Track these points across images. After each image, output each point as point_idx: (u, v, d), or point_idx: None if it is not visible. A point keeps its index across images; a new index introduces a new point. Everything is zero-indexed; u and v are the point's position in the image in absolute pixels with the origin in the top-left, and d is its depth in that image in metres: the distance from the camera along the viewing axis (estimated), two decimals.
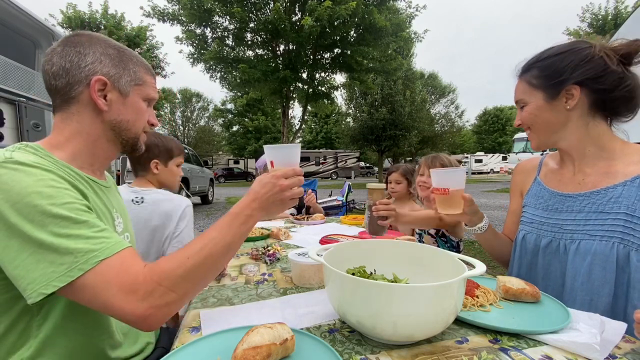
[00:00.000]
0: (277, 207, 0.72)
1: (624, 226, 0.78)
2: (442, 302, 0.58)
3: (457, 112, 29.92)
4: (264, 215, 0.70)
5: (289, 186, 0.72)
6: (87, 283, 0.52)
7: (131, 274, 0.55)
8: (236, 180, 30.04)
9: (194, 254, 0.59)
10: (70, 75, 0.67)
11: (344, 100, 22.98)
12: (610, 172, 0.85)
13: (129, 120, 0.74)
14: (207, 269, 0.61)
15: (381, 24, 10.70)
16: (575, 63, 0.83)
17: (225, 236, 0.63)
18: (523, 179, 1.09)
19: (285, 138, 13.98)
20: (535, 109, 0.90)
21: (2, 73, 2.67)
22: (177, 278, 0.57)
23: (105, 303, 0.53)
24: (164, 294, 0.55)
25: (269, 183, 0.70)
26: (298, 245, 1.45)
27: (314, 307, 0.79)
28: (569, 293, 0.86)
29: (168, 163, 1.48)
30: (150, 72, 0.78)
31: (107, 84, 0.69)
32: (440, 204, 1.00)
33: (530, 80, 0.90)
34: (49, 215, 0.53)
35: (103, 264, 0.53)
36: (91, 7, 16.90)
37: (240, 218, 0.66)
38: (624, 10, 17.18)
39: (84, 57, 0.67)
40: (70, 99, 0.68)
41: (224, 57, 12.09)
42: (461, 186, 0.96)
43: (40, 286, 0.50)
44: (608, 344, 0.59)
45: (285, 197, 0.71)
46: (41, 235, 0.52)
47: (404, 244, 0.86)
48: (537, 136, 0.93)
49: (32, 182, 0.54)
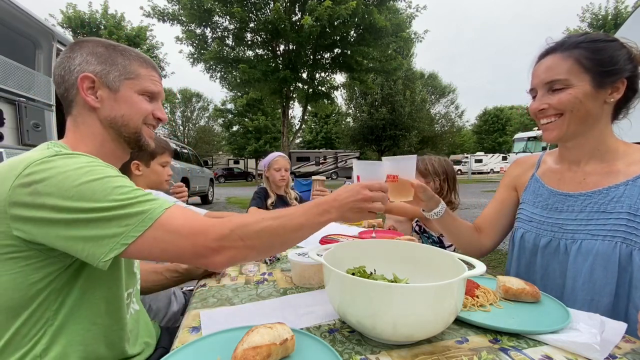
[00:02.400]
0: (355, 214, 0.73)
1: (627, 225, 0.78)
2: (442, 302, 0.58)
3: (457, 112, 30.00)
4: (339, 217, 0.71)
5: (372, 198, 0.72)
6: (158, 233, 0.57)
7: (198, 220, 0.60)
8: (236, 180, 30.06)
9: (269, 218, 0.64)
10: (65, 81, 0.71)
11: (344, 100, 23.04)
12: (612, 172, 0.84)
13: (124, 115, 0.74)
14: (276, 236, 0.64)
15: (381, 24, 10.70)
16: (627, 56, 0.78)
17: (301, 217, 0.66)
18: (519, 173, 1.08)
19: (285, 138, 13.97)
20: (581, 93, 0.79)
21: (2, 73, 2.67)
22: (250, 231, 0.61)
23: (178, 245, 0.58)
24: (235, 240, 0.60)
25: (354, 189, 0.72)
26: (298, 245, 1.45)
27: (314, 307, 0.79)
28: (570, 293, 0.85)
29: (150, 163, 1.44)
30: (145, 65, 0.77)
31: (95, 81, 0.70)
32: (391, 191, 0.96)
33: (580, 58, 0.79)
34: (110, 185, 0.58)
35: (168, 212, 0.59)
36: (91, 7, 16.92)
37: (318, 208, 0.68)
38: (624, 10, 17.18)
39: (73, 60, 0.70)
40: (70, 102, 0.72)
41: (224, 57, 12.10)
42: (411, 174, 0.95)
43: (120, 238, 0.55)
44: (608, 344, 0.59)
45: (364, 207, 0.72)
46: (105, 204, 0.56)
47: (404, 244, 0.86)
48: (567, 126, 0.83)
49: (85, 164, 0.59)
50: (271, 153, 2.33)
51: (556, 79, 0.81)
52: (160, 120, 0.80)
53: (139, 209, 0.57)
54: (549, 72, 0.82)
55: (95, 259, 0.55)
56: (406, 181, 0.94)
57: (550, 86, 0.83)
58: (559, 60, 0.82)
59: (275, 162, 2.21)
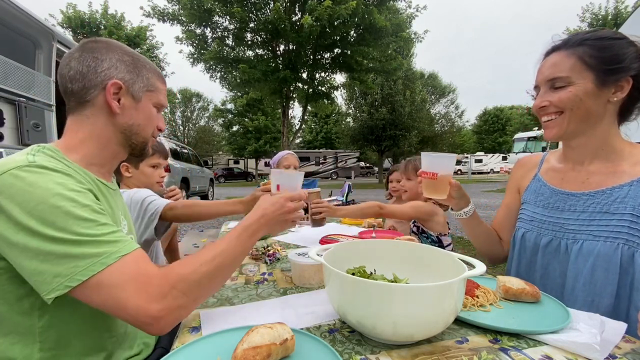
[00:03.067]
0: (281, 225, 0.79)
1: (629, 227, 0.77)
2: (442, 302, 0.58)
3: (457, 112, 29.93)
4: (267, 232, 0.76)
5: (295, 209, 0.79)
6: (105, 280, 0.53)
7: (147, 274, 0.57)
8: (236, 180, 30.04)
9: (206, 262, 0.62)
10: (87, 80, 0.70)
11: (344, 100, 22.98)
12: (617, 172, 0.83)
13: (140, 125, 0.77)
14: (217, 277, 0.64)
15: (381, 24, 10.69)
16: (635, 55, 0.76)
17: (235, 248, 0.67)
18: (522, 174, 1.07)
19: (285, 138, 13.97)
20: (582, 91, 0.78)
21: (2, 73, 2.67)
22: (191, 283, 0.59)
23: (120, 302, 0.54)
24: (177, 297, 0.57)
25: (277, 203, 0.76)
26: (298, 245, 1.45)
27: (314, 307, 0.79)
28: (570, 293, 0.85)
29: (139, 165, 1.45)
30: (161, 79, 0.82)
31: (122, 88, 0.72)
32: (427, 188, 0.97)
33: (583, 56, 0.78)
34: (72, 216, 0.54)
35: (122, 261, 0.55)
36: (91, 7, 16.91)
37: (248, 231, 0.71)
38: (624, 10, 17.17)
39: (101, 62, 0.70)
40: (85, 102, 0.71)
41: (224, 57, 12.09)
42: (449, 172, 0.95)
43: (64, 280, 0.52)
44: (608, 344, 0.59)
45: (289, 219, 0.79)
46: (64, 235, 0.53)
47: (404, 244, 0.86)
48: (567, 124, 0.82)
49: (55, 185, 0.56)
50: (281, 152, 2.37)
51: (558, 77, 0.81)
52: (161, 130, 0.84)
53: (94, 250, 0.54)
54: (552, 70, 0.82)
55: (39, 290, 0.53)
56: (445, 179, 0.94)
57: (552, 84, 0.82)
58: (562, 58, 0.81)
59: (284, 159, 2.26)
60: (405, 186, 1.89)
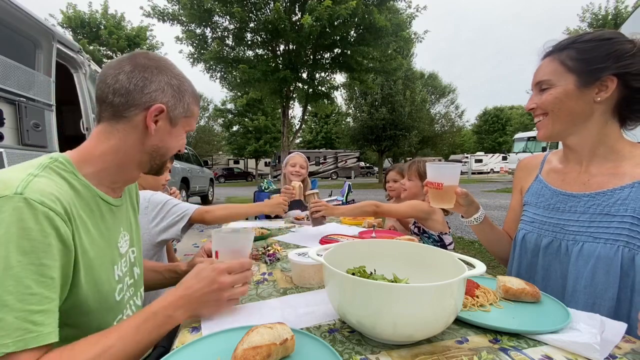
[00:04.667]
0: (210, 307, 0.65)
1: (630, 229, 0.76)
2: (442, 302, 0.58)
3: (457, 112, 29.93)
4: (188, 317, 0.63)
5: (231, 284, 0.66)
6: None
7: None
8: (236, 180, 30.08)
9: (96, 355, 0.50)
10: (131, 97, 0.67)
11: (344, 100, 22.99)
12: (618, 173, 0.83)
13: (168, 148, 0.75)
14: None
15: (381, 24, 10.68)
16: (619, 54, 0.77)
17: (129, 344, 0.54)
18: (524, 176, 1.08)
19: (285, 138, 13.96)
20: (562, 93, 0.82)
21: (2, 73, 2.67)
22: None
23: None
24: None
25: (207, 277, 0.64)
26: (298, 245, 1.45)
27: (314, 307, 0.79)
28: (571, 295, 0.84)
29: None
30: (198, 104, 0.80)
31: (163, 112, 0.70)
32: (433, 198, 0.99)
33: (564, 60, 0.82)
34: (8, 274, 0.47)
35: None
36: (91, 7, 16.94)
37: (157, 319, 0.58)
38: (624, 10, 17.17)
39: (150, 83, 0.68)
40: (121, 117, 0.68)
41: (224, 57, 12.09)
42: (455, 182, 0.96)
43: None
44: (608, 344, 0.59)
45: (222, 298, 0.65)
46: None
47: (404, 244, 0.86)
48: (552, 124, 0.86)
49: (17, 230, 0.49)
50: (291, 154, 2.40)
51: (542, 80, 0.86)
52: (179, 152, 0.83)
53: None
54: (538, 74, 0.88)
55: None
56: (451, 189, 0.95)
57: (539, 87, 0.87)
58: (548, 62, 0.86)
59: (291, 158, 2.31)
60: (405, 185, 1.89)
